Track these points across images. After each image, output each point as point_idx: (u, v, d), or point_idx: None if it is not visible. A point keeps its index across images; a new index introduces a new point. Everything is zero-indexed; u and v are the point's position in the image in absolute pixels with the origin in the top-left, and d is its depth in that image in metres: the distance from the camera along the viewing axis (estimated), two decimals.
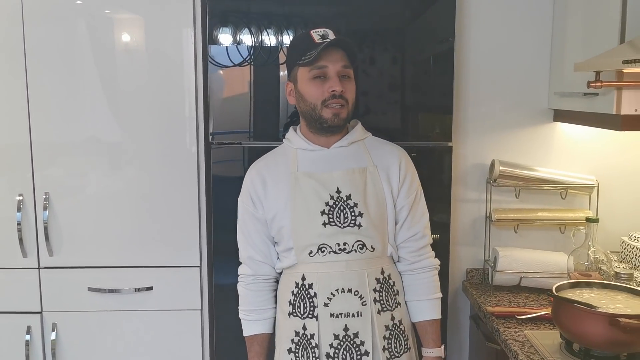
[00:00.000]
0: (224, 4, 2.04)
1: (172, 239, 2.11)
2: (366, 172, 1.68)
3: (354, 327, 1.63)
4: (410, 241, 1.73)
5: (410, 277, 1.75)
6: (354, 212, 1.64)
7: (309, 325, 1.64)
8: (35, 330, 2.12)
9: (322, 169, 1.67)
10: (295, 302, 1.67)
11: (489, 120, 2.25)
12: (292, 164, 1.69)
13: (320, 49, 1.59)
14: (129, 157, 2.09)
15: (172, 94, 2.06)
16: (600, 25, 1.83)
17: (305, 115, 1.68)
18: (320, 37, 1.62)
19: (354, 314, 1.63)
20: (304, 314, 1.65)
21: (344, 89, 1.63)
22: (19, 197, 2.06)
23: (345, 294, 1.63)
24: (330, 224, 1.64)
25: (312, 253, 1.64)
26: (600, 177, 2.20)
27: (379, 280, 1.67)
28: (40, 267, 2.11)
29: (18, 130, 2.05)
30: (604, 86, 1.63)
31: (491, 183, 2.21)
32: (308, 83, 1.64)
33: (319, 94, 1.63)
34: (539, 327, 1.84)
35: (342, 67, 1.63)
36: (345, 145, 1.71)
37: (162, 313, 2.12)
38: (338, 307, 1.63)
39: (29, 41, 2.01)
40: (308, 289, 1.65)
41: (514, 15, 2.21)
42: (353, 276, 1.64)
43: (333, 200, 1.64)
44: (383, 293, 1.67)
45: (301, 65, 1.64)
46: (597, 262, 1.97)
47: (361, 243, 1.64)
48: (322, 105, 1.63)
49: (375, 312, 1.65)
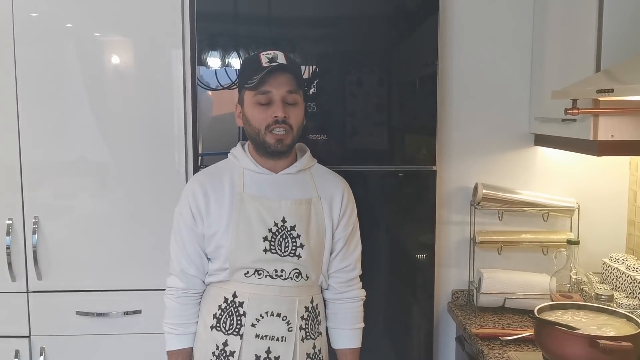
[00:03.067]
0: (212, 26, 2.06)
1: (161, 261, 2.09)
2: (311, 203, 1.70)
3: (276, 350, 1.64)
4: (341, 272, 1.76)
5: (336, 305, 1.78)
6: (296, 243, 1.66)
7: (231, 342, 1.64)
8: (24, 354, 2.11)
9: (269, 195, 1.67)
10: (221, 317, 1.67)
11: (472, 144, 2.30)
12: (238, 184, 1.68)
13: (264, 73, 1.58)
14: (117, 178, 2.10)
15: (161, 115, 2.09)
16: (577, 53, 1.88)
17: (252, 139, 1.69)
18: (268, 60, 1.61)
19: (278, 338, 1.64)
20: (228, 330, 1.65)
21: (287, 115, 1.62)
22: (8, 222, 2.08)
23: (273, 318, 1.65)
24: (271, 251, 1.64)
25: (249, 274, 1.65)
26: (580, 200, 2.25)
27: (307, 308, 1.69)
28: (28, 291, 2.11)
29: (8, 151, 2.06)
30: (580, 113, 1.67)
31: (475, 206, 2.25)
32: (253, 107, 1.64)
33: (263, 119, 1.62)
34: (522, 348, 1.87)
35: (286, 92, 1.63)
36: (293, 172, 1.71)
37: (151, 336, 2.11)
38: (265, 329, 1.64)
39: (20, 63, 2.04)
40: (238, 306, 1.65)
41: (495, 40, 2.27)
42: (284, 302, 1.65)
43: (277, 228, 1.65)
44: (309, 322, 1.70)
45: (247, 88, 1.64)
46: (578, 283, 2.00)
47: (297, 271, 1.66)
48: (266, 130, 1.63)
49: (299, 339, 1.67)
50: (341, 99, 2.10)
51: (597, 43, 1.75)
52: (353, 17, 2.11)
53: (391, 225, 2.14)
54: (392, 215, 2.13)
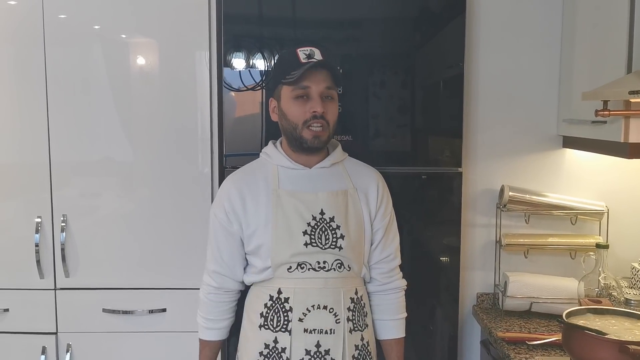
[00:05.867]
0: (238, 28, 2.08)
1: (185, 260, 2.13)
2: (347, 195, 1.71)
3: (326, 343, 1.64)
4: (383, 262, 1.77)
5: (380, 297, 1.79)
6: (336, 234, 1.66)
7: (280, 339, 1.65)
8: (50, 350, 2.14)
9: (305, 189, 1.68)
10: (267, 315, 1.67)
11: (499, 146, 2.28)
12: (273, 181, 1.69)
13: (305, 69, 1.60)
14: (141, 178, 2.13)
15: (185, 116, 2.11)
16: (608, 53, 1.85)
17: (287, 134, 1.69)
18: (306, 56, 1.63)
19: (327, 331, 1.65)
20: (276, 327, 1.66)
21: (325, 110, 1.64)
22: (37, 220, 2.11)
23: (320, 311, 1.65)
24: (312, 244, 1.65)
25: (291, 269, 1.65)
26: (610, 203, 2.21)
27: (353, 299, 1.69)
28: (56, 288, 2.14)
29: (38, 150, 2.10)
30: (611, 115, 1.64)
31: (501, 208, 2.23)
32: (290, 102, 1.65)
33: (301, 113, 1.64)
34: (549, 353, 1.84)
35: (325, 88, 1.64)
36: (327, 166, 1.73)
37: (176, 335, 2.14)
38: (312, 323, 1.64)
39: (49, 64, 2.07)
40: (283, 302, 1.66)
41: (523, 42, 2.25)
42: (330, 294, 1.66)
43: (315, 221, 1.65)
44: (355, 313, 1.70)
45: (285, 83, 1.65)
46: (607, 288, 1.97)
47: (340, 262, 1.67)
48: (304, 125, 1.64)
49: (347, 331, 1.67)
50: (365, 101, 2.10)
51: (628, 43, 1.72)
52: (377, 19, 2.11)
53: (416, 226, 2.13)
54: (417, 216, 2.12)
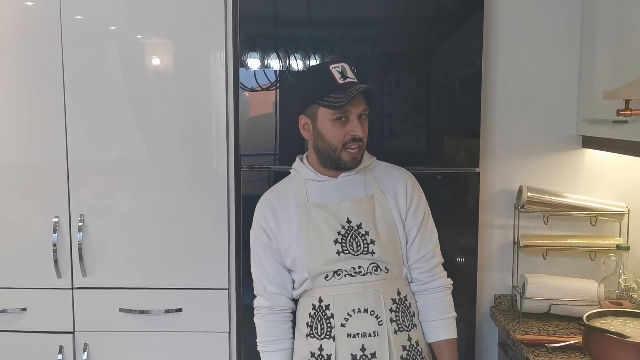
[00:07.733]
0: (253, 28, 2.08)
1: (201, 261, 2.14)
2: (374, 199, 1.71)
3: (371, 347, 1.64)
4: (421, 262, 1.75)
5: (424, 297, 1.76)
6: (366, 240, 1.67)
7: (325, 346, 1.66)
8: (67, 350, 2.16)
9: (331, 200, 1.70)
10: (312, 324, 1.69)
11: (517, 146, 2.25)
12: (302, 195, 1.72)
13: (351, 98, 1.59)
14: (156, 178, 2.14)
15: (200, 116, 2.11)
16: (629, 52, 1.82)
17: (322, 153, 1.70)
18: (340, 74, 1.64)
19: (370, 334, 1.64)
20: (321, 335, 1.67)
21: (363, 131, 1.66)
22: (55, 219, 2.12)
23: (361, 314, 1.65)
24: (344, 252, 1.66)
25: (328, 277, 1.67)
26: (630, 204, 2.17)
27: (395, 300, 1.68)
28: (73, 288, 2.16)
29: (56, 151, 2.11)
30: (633, 114, 1.62)
31: (519, 209, 2.20)
32: (329, 124, 1.65)
33: (341, 136, 1.65)
34: (569, 355, 1.82)
35: (362, 110, 1.66)
36: (352, 173, 1.73)
37: (191, 335, 2.15)
38: (355, 327, 1.64)
39: (67, 64, 2.09)
40: (325, 310, 1.67)
41: (542, 40, 2.22)
42: (369, 297, 1.66)
43: (345, 230, 1.67)
44: (399, 313, 1.68)
45: (326, 107, 1.64)
46: (628, 290, 1.94)
47: (375, 265, 1.67)
48: (342, 147, 1.65)
49: (392, 332, 1.65)
50: (381, 100, 2.08)
51: None
52: (393, 18, 2.10)
53: None
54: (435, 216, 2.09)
